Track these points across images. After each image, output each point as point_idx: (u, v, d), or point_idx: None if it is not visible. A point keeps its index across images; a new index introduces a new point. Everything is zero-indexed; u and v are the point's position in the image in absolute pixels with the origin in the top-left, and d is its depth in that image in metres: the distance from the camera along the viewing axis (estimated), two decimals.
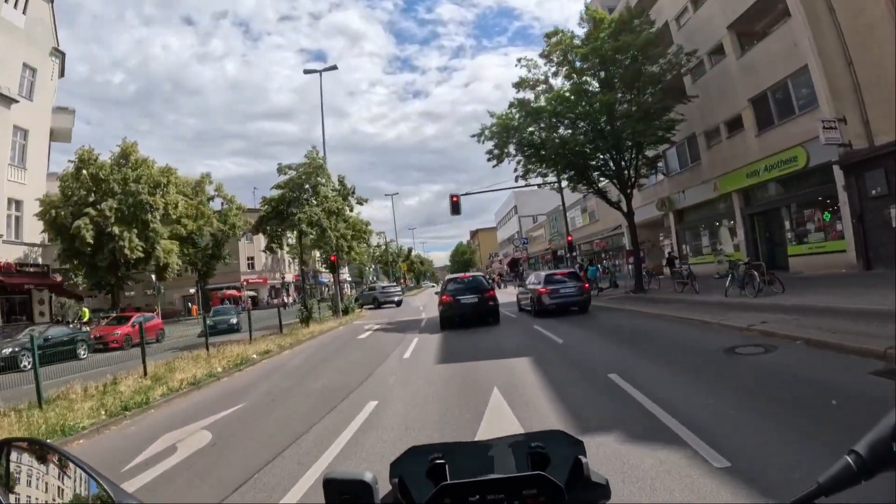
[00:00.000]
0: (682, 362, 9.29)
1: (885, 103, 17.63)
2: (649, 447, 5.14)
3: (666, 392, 7.13)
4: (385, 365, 12.78)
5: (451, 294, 19.21)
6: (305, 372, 13.00)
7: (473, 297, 18.94)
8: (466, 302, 18.89)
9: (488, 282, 21.63)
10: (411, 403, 8.25)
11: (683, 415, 5.98)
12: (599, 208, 45.86)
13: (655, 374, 8.46)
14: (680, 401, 6.63)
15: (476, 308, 18.87)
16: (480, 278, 21.43)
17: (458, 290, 19.37)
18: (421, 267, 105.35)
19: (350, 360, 14.37)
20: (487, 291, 19.50)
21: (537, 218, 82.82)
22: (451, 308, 18.93)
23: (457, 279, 21.00)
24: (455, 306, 18.87)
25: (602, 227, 46.16)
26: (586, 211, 50.47)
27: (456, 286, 19.83)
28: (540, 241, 70.44)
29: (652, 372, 8.69)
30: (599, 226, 47.24)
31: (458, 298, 18.96)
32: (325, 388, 10.32)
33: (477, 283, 20.02)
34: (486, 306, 19.05)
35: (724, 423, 5.69)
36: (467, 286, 19.67)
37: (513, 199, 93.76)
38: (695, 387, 7.47)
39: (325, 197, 25.27)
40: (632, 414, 6.40)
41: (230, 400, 10.04)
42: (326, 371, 12.82)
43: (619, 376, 8.34)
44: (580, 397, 7.67)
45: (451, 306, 18.94)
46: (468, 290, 19.22)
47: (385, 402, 8.49)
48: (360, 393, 9.43)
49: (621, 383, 7.92)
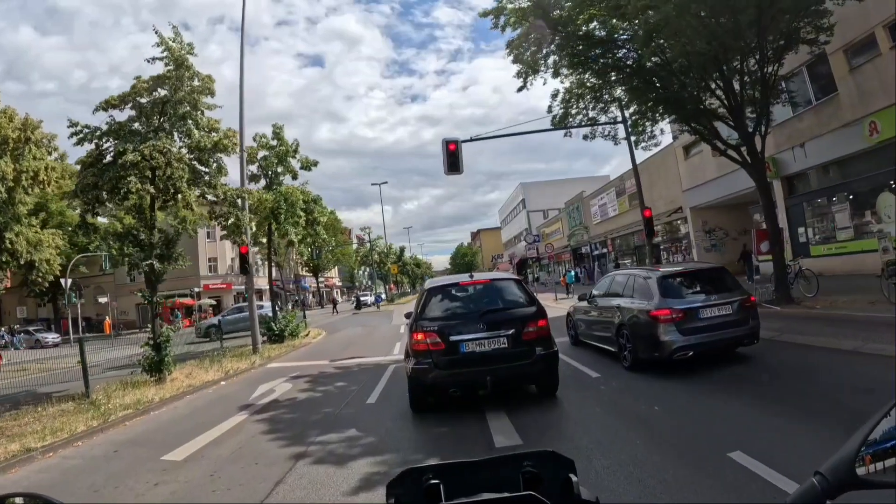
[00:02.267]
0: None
1: None
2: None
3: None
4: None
5: (438, 328, 7.34)
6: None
7: (496, 338, 7.21)
8: (478, 351, 7.21)
9: (526, 290, 8.32)
10: None
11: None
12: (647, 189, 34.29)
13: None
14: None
15: (502, 365, 7.17)
16: (507, 283, 8.40)
17: (457, 318, 7.56)
18: (416, 270, 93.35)
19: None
20: (530, 320, 7.43)
21: (548, 213, 71.71)
22: (435, 369, 7.20)
23: (452, 287, 8.38)
24: (448, 364, 7.20)
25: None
26: (623, 194, 38.75)
27: (451, 305, 7.91)
28: (554, 238, 58.69)
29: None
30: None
31: (454, 340, 7.21)
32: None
33: (501, 297, 7.98)
34: (528, 360, 7.23)
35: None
36: (477, 305, 7.77)
37: (520, 192, 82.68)
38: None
39: (194, 126, 13.47)
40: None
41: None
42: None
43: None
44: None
45: (435, 363, 7.20)
46: (480, 318, 7.35)
47: None
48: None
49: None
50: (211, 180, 14.11)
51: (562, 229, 58.54)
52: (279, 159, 21.21)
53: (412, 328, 7.52)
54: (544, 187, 77.97)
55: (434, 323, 7.35)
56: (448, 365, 7.11)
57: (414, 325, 7.48)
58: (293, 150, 21.52)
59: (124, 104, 13.69)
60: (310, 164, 21.72)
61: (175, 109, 13.60)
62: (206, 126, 14.21)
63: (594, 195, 45.83)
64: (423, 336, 7.25)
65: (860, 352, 8.19)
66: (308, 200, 22.43)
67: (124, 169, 12.36)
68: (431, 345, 7.19)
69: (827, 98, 19.70)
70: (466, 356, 7.13)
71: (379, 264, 68.11)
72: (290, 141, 21.60)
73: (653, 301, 8.56)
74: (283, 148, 21.23)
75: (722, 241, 28.56)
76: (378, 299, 53.63)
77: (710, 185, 27.39)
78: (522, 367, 7.14)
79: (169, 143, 13.03)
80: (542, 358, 7.23)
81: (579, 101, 18.36)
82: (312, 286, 76.95)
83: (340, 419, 7.83)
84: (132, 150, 12.51)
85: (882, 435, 0.92)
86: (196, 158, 14.28)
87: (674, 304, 8.34)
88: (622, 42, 15.61)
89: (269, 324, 20.54)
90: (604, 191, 43.91)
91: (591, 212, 46.06)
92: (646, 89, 16.13)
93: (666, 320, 8.21)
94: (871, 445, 0.92)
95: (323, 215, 26.67)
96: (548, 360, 7.33)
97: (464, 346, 7.14)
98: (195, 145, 13.57)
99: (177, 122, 13.57)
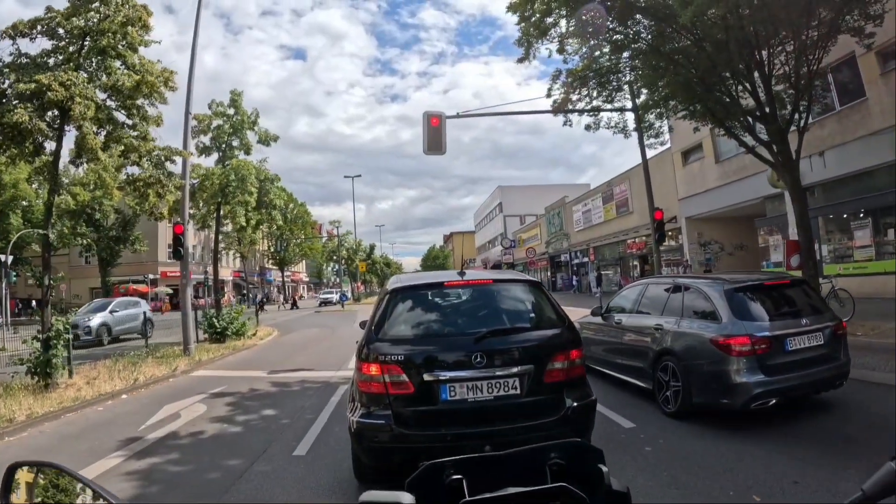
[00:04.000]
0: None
1: None
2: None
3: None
4: None
5: (405, 359, 4.31)
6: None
7: (502, 379, 4.28)
8: (470, 400, 4.26)
9: (549, 299, 5.01)
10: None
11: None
12: (636, 197, 32.04)
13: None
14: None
15: (510, 425, 4.25)
16: (519, 288, 5.22)
17: (438, 341, 4.55)
18: (386, 269, 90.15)
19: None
20: (558, 350, 4.46)
21: (525, 219, 69.34)
22: (396, 427, 4.20)
23: (430, 290, 5.15)
24: (418, 420, 4.28)
25: (639, 222, 32.13)
26: (611, 200, 36.45)
27: (427, 319, 4.82)
28: (531, 244, 56.08)
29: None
30: (634, 220, 33.28)
31: (430, 380, 4.25)
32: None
33: (509, 310, 4.92)
34: (554, 417, 4.32)
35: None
36: (471, 321, 4.79)
37: (497, 196, 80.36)
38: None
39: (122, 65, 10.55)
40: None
41: None
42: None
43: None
44: None
45: (397, 417, 4.24)
46: (477, 344, 4.33)
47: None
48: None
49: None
50: (133, 132, 11.15)
51: (540, 235, 56.11)
52: (234, 130, 18.26)
53: (362, 353, 4.52)
54: (522, 192, 75.86)
55: (399, 348, 4.43)
56: (418, 422, 4.29)
57: (365, 348, 4.50)
58: (251, 122, 18.58)
59: (36, 32, 10.77)
60: (269, 139, 18.75)
61: (96, 42, 10.69)
62: (138, 67, 11.31)
63: (577, 201, 43.55)
64: (380, 370, 4.31)
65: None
66: (263, 179, 19.47)
67: (18, 100, 9.45)
68: (391, 385, 4.29)
69: (854, 103, 17.61)
70: (450, 408, 4.29)
71: (347, 260, 65.03)
72: (248, 111, 18.67)
73: (721, 323, 5.96)
74: (239, 118, 18.29)
75: (717, 256, 26.36)
76: (343, 297, 50.54)
77: (710, 194, 25.22)
78: (544, 427, 4.23)
79: (75, 76, 10.05)
80: (576, 413, 4.39)
81: (583, 87, 15.93)
82: (278, 280, 73.50)
83: (245, 484, 5.07)
84: (28, 81, 9.60)
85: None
86: (122, 105, 11.40)
87: (754, 330, 5.76)
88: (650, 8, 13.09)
89: (211, 320, 17.61)
90: (588, 196, 41.62)
91: (574, 218, 43.76)
92: (666, 71, 13.69)
93: (743, 352, 5.61)
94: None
95: (280, 198, 23.66)
96: (583, 415, 4.49)
97: (447, 391, 4.29)
98: (111, 84, 10.60)
99: (94, 54, 10.64)
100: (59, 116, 10.23)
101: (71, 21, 10.39)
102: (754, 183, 21.36)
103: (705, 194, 25.63)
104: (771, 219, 22.35)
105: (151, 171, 11.87)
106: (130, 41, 10.86)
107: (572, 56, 15.43)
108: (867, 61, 16.71)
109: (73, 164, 11.51)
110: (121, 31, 10.62)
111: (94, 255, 43.81)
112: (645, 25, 14.08)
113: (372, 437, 4.30)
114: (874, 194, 17.28)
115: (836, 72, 17.88)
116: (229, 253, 58.62)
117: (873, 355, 8.71)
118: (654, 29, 13.86)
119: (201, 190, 17.63)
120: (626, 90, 16.68)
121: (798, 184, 13.80)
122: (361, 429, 4.33)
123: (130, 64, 10.92)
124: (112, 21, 10.42)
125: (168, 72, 11.63)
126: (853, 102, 17.66)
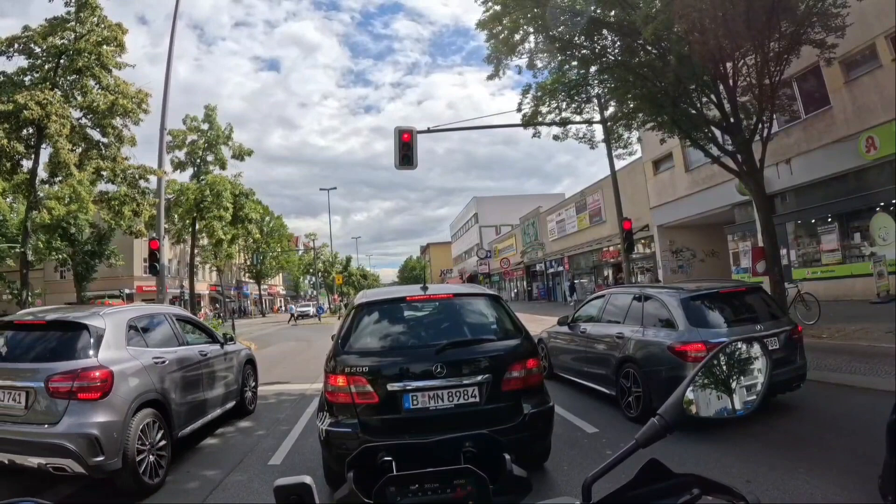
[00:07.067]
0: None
1: None
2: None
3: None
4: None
5: (370, 370, 4.60)
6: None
7: (461, 388, 4.59)
8: (432, 408, 4.56)
9: (508, 311, 5.34)
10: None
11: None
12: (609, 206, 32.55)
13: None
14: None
15: (470, 431, 4.34)
16: (479, 301, 5.58)
17: (401, 353, 4.83)
18: (363, 281, 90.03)
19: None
20: (514, 360, 4.76)
21: (500, 229, 69.89)
22: (363, 434, 4.45)
23: (394, 304, 5.39)
24: (382, 427, 4.56)
25: (612, 231, 32.61)
26: (585, 210, 36.98)
27: (392, 332, 5.11)
28: (506, 254, 56.58)
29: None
30: (607, 229, 33.77)
31: (394, 389, 4.55)
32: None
33: (470, 323, 5.25)
34: (512, 423, 4.59)
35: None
36: (433, 334, 5.08)
37: (473, 206, 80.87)
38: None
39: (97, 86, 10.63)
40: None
41: None
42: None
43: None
44: None
45: (363, 425, 4.53)
46: (438, 355, 4.63)
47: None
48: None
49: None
50: (107, 151, 11.25)
51: (515, 245, 56.61)
52: (209, 145, 18.37)
53: (329, 366, 4.83)
54: (498, 202, 76.35)
55: (364, 360, 4.71)
56: (384, 430, 4.54)
57: (332, 361, 4.79)
58: (226, 137, 18.73)
59: (13, 50, 10.83)
60: (244, 154, 18.98)
61: (72, 62, 10.78)
62: (112, 88, 11.41)
63: (551, 211, 44.10)
64: (346, 381, 4.60)
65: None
66: (238, 193, 19.58)
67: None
68: (357, 395, 4.58)
69: (818, 112, 18.20)
70: (413, 416, 4.57)
71: (323, 273, 64.86)
72: (222, 126, 18.82)
73: (677, 331, 6.26)
74: (214, 133, 18.41)
75: (689, 263, 26.89)
76: (320, 310, 50.46)
77: (681, 202, 25.77)
78: (503, 433, 4.28)
79: (51, 95, 10.14)
80: (533, 419, 4.69)
81: (552, 100, 16.31)
82: (255, 293, 73.14)
83: (222, 493, 5.19)
84: (6, 101, 9.67)
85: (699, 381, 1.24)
86: (96, 124, 11.47)
87: (710, 337, 6.04)
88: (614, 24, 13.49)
89: None
90: (562, 206, 42.17)
91: (549, 228, 44.30)
92: (633, 84, 14.11)
93: (699, 358, 5.89)
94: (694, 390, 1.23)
95: (255, 212, 23.73)
96: (540, 421, 4.80)
97: (409, 400, 4.57)
98: (87, 104, 10.71)
99: (69, 74, 10.74)
100: (34, 134, 10.29)
101: (47, 40, 10.50)
102: (723, 191, 21.89)
103: (677, 203, 26.18)
104: (740, 225, 22.94)
105: (126, 190, 11.95)
106: (105, 62, 10.97)
107: (542, 70, 15.86)
108: (831, 71, 17.24)
109: (46, 184, 11.53)
110: (95, 50, 10.72)
111: (70, 269, 43.36)
112: (611, 41, 14.49)
113: (340, 445, 4.53)
114: (840, 199, 17.86)
115: (801, 81, 18.49)
116: (205, 266, 58.24)
117: (836, 357, 9.11)
118: (620, 44, 14.29)
119: (176, 205, 17.69)
120: (595, 102, 17.10)
121: (762, 191, 14.29)
122: (330, 437, 4.59)
123: (105, 84, 11.02)
124: (87, 40, 10.53)
125: (143, 93, 11.72)
126: (818, 111, 18.23)
